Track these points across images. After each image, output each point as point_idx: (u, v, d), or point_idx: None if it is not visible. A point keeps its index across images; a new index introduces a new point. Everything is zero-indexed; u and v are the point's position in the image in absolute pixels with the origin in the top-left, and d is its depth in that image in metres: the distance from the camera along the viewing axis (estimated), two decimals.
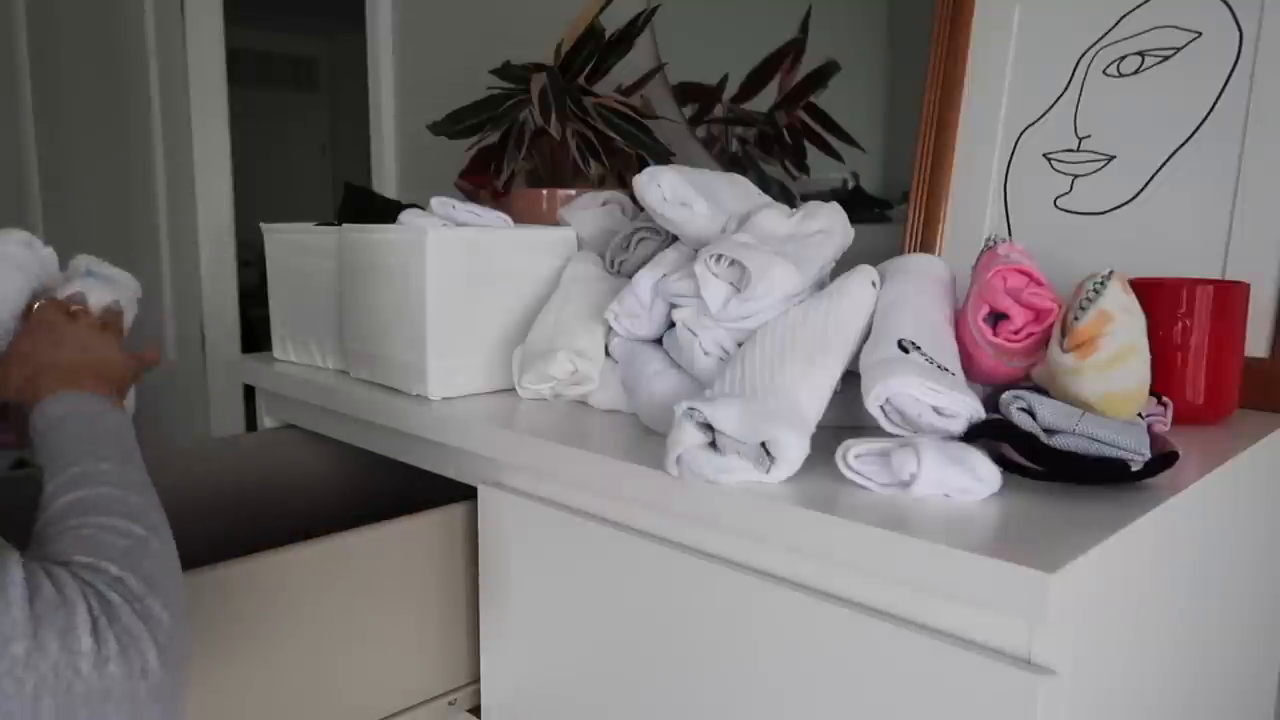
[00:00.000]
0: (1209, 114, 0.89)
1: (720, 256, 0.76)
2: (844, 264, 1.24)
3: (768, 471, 0.63)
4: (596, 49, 1.22)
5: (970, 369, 0.73)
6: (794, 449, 0.63)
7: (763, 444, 0.63)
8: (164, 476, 0.83)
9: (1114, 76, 0.94)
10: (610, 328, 0.87)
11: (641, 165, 1.25)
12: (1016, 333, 0.72)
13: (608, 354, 0.87)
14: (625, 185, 1.26)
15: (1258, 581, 0.83)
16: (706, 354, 0.77)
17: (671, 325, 0.83)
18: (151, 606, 0.52)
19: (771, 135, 1.31)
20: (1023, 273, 0.73)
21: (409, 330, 0.90)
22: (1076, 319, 0.68)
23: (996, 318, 0.73)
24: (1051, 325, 0.71)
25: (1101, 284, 0.68)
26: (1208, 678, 0.76)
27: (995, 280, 0.72)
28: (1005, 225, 0.99)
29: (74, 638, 0.47)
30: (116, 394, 0.76)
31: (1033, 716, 0.52)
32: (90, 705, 0.47)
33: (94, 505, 0.58)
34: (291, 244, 1.09)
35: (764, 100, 1.31)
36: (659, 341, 0.86)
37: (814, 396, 0.68)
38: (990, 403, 0.68)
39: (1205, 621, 0.73)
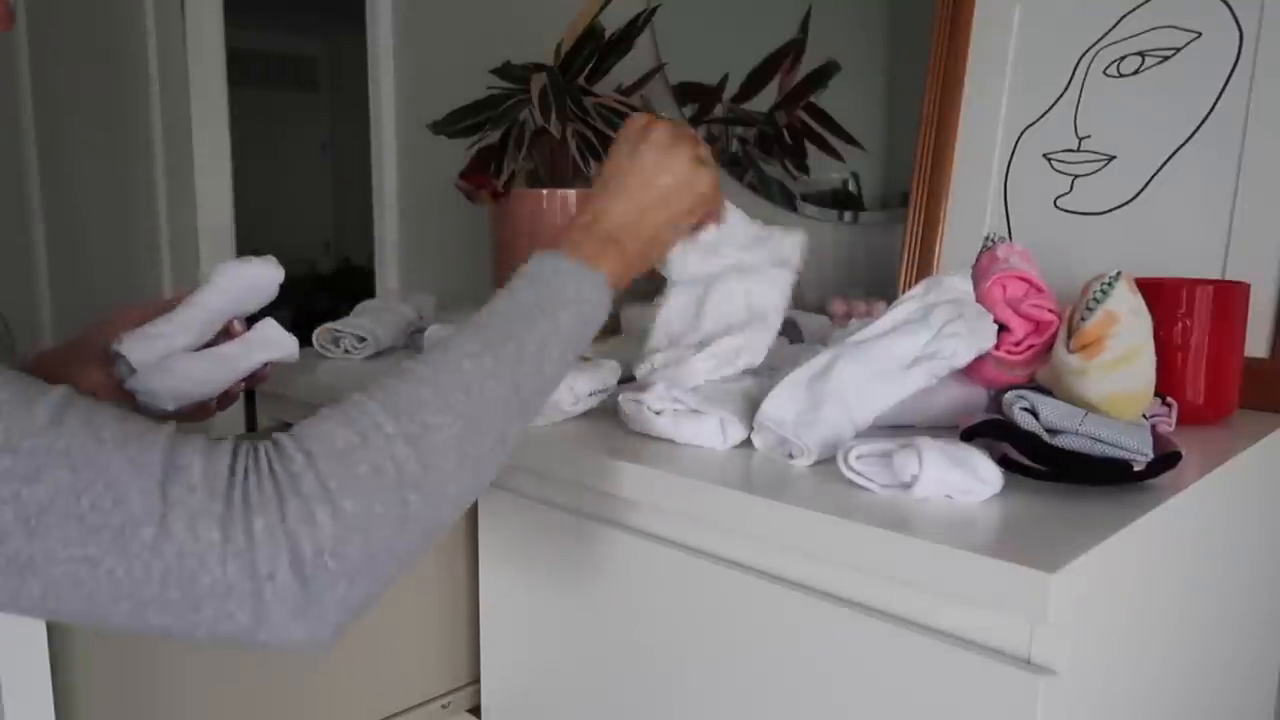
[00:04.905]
0: (1209, 114, 0.89)
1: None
2: (847, 266, 1.25)
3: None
4: (596, 49, 1.22)
5: (972, 375, 0.73)
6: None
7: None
8: None
9: (1114, 76, 0.94)
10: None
11: None
12: (1018, 344, 0.71)
13: None
14: None
15: (1257, 581, 0.83)
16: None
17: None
18: (316, 512, 0.46)
19: (771, 135, 1.30)
20: (1022, 279, 0.72)
21: None
22: (1083, 319, 0.67)
23: (997, 328, 0.73)
24: (1053, 337, 0.71)
25: (1109, 285, 0.67)
26: (1207, 677, 0.76)
27: (995, 289, 0.72)
28: (1005, 225, 0.99)
29: (202, 526, 0.44)
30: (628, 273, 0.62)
31: (1033, 716, 0.52)
32: (215, 599, 0.44)
33: (395, 392, 0.53)
34: None
35: (764, 100, 1.30)
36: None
37: (855, 426, 0.69)
38: (993, 403, 0.67)
39: (1205, 621, 0.73)
